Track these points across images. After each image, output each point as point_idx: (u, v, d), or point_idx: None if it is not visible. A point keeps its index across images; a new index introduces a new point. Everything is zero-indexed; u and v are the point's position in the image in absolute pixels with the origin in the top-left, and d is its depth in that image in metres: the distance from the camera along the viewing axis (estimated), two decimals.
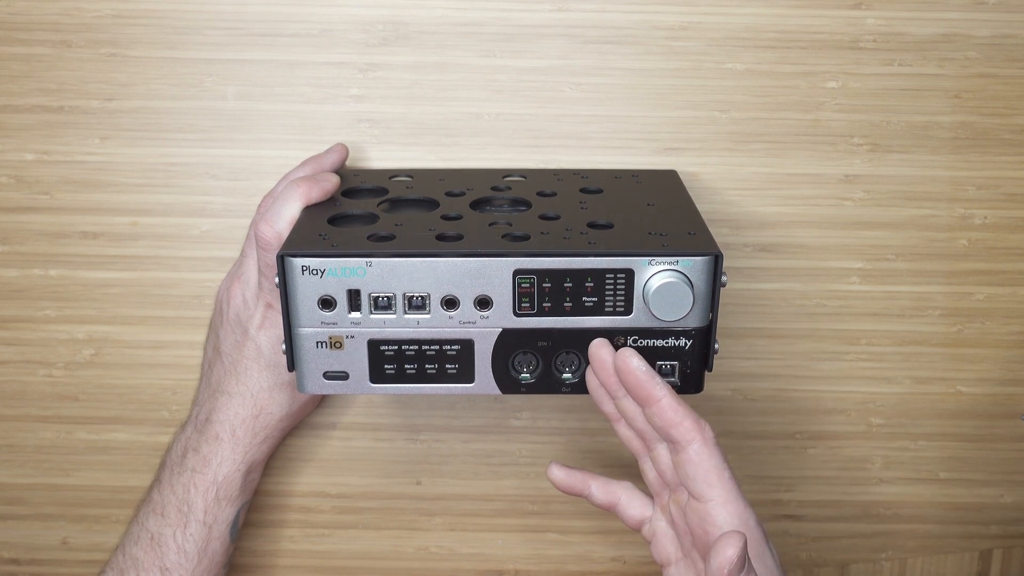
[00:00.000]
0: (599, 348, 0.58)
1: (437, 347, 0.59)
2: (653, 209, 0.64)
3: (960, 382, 0.80)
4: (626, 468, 0.79)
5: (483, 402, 0.80)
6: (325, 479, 0.81)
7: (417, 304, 0.58)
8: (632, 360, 0.57)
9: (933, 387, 0.80)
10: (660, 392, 0.57)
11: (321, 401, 0.78)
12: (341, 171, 0.70)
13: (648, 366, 0.57)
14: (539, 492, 0.81)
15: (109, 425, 0.79)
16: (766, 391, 0.79)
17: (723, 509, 0.58)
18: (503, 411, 0.80)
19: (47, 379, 0.79)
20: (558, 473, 0.66)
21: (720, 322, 0.71)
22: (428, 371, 0.60)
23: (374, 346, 0.59)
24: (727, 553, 0.50)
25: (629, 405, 0.60)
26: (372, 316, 0.58)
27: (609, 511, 0.65)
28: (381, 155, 0.74)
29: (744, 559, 0.51)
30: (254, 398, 0.70)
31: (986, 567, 0.85)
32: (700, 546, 0.59)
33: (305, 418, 0.78)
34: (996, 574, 0.85)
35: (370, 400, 0.79)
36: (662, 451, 0.61)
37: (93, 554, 0.82)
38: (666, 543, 0.63)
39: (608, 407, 0.61)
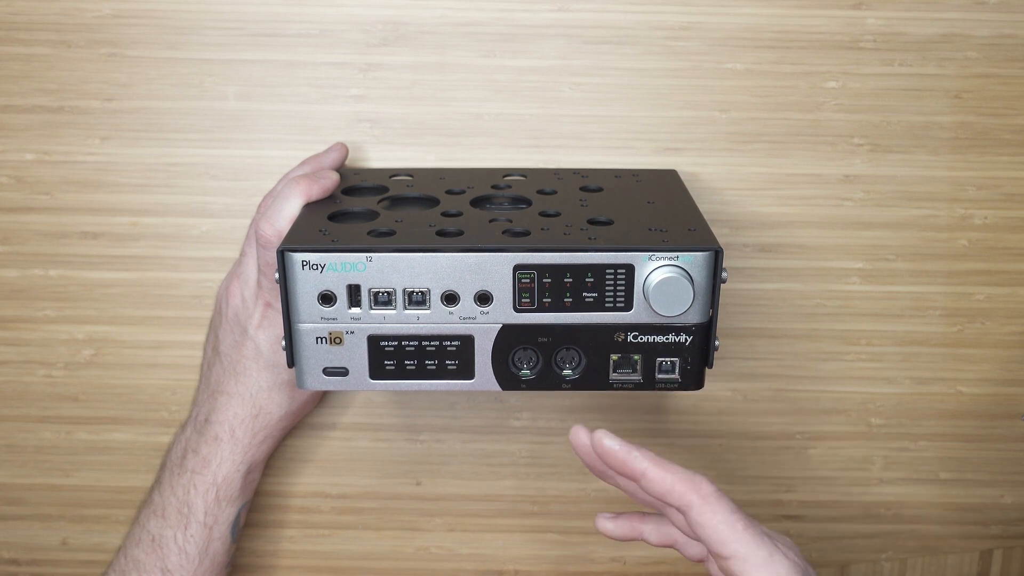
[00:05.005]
0: (575, 435, 0.57)
1: (437, 343, 0.59)
2: (653, 206, 0.64)
3: (960, 382, 0.80)
4: None
5: (483, 402, 0.79)
6: (325, 479, 0.81)
7: (417, 299, 0.58)
8: (604, 441, 0.56)
9: (933, 387, 0.80)
10: (641, 465, 0.55)
11: (320, 401, 0.78)
12: (341, 170, 0.70)
13: (622, 443, 0.56)
14: (539, 492, 0.81)
15: (109, 425, 0.79)
16: (766, 391, 0.79)
17: (745, 564, 0.54)
18: (503, 411, 0.80)
19: (47, 379, 0.78)
20: (608, 525, 0.62)
21: (720, 322, 0.71)
22: (428, 367, 0.59)
23: (374, 342, 0.59)
24: None
25: (623, 481, 0.58)
26: (372, 311, 0.58)
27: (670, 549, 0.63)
28: (381, 155, 0.75)
29: None
30: (253, 398, 0.69)
31: (986, 567, 0.85)
32: None
33: (305, 418, 0.78)
34: (996, 574, 0.85)
35: (370, 400, 0.79)
36: (673, 513, 0.58)
37: (93, 554, 0.82)
38: None
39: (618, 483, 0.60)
